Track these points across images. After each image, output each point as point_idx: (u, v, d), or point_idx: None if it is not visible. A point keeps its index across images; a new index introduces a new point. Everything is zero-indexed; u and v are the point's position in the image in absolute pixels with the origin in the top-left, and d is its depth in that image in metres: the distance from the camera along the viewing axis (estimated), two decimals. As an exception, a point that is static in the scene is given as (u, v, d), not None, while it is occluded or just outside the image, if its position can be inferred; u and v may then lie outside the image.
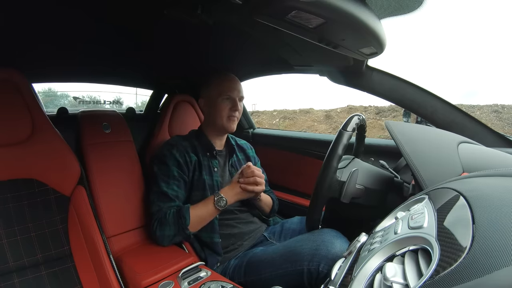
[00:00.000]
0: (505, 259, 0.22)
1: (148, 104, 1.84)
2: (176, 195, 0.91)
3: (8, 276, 0.69)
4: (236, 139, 1.16)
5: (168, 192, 0.90)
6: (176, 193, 0.91)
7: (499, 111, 6.56)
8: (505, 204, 0.29)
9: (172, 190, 0.90)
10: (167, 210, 0.88)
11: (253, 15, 0.54)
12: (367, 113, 7.65)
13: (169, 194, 0.89)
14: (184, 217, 0.85)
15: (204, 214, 0.88)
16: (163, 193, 0.90)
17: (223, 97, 0.99)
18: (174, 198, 0.90)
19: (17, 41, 0.90)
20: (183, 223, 0.85)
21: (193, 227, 0.87)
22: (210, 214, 0.89)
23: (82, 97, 2.68)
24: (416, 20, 0.69)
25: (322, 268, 0.73)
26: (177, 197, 0.91)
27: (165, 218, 0.86)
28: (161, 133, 1.20)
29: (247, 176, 0.90)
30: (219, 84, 1.01)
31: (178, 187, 0.92)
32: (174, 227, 0.86)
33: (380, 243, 0.38)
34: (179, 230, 0.86)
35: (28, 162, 0.77)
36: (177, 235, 0.87)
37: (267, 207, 1.08)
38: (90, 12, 0.78)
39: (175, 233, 0.86)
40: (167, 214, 0.87)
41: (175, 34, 0.98)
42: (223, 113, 0.99)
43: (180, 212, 0.86)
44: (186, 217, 0.85)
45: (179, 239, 0.89)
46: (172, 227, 0.86)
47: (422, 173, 0.59)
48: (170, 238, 0.87)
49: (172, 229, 0.86)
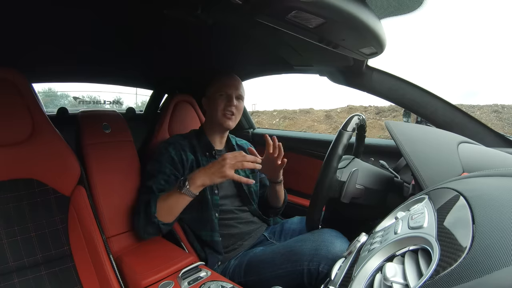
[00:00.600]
0: (505, 259, 0.22)
1: (148, 104, 1.85)
2: (161, 188, 0.88)
3: (8, 276, 0.69)
4: (237, 139, 1.16)
5: (153, 186, 0.88)
6: (162, 187, 0.88)
7: (499, 111, 6.56)
8: (505, 204, 0.29)
9: (158, 184, 0.88)
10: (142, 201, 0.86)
11: (253, 15, 0.54)
12: (367, 113, 7.65)
13: (153, 188, 0.87)
14: (150, 205, 0.82)
15: (170, 201, 0.83)
16: (147, 187, 0.88)
17: (219, 93, 0.99)
18: (156, 191, 0.87)
19: (17, 41, 0.90)
20: (149, 211, 0.82)
21: (162, 216, 0.83)
22: (176, 201, 0.82)
23: (82, 97, 2.68)
24: (416, 20, 0.69)
25: (322, 268, 0.73)
26: (162, 190, 0.88)
27: (138, 209, 0.86)
28: (161, 133, 1.20)
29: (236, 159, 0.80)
30: (217, 81, 1.02)
31: (166, 182, 0.90)
32: (143, 215, 0.84)
33: (380, 243, 0.38)
34: (147, 219, 0.83)
35: (28, 162, 0.77)
36: (147, 225, 0.84)
37: (281, 199, 1.07)
38: (90, 12, 0.78)
39: (144, 222, 0.84)
40: (140, 205, 0.86)
41: (175, 34, 0.98)
42: (219, 108, 0.99)
43: (149, 201, 0.84)
44: (151, 205, 0.82)
45: (151, 229, 0.85)
46: (141, 215, 0.84)
47: (422, 173, 0.59)
48: (143, 229, 0.85)
49: (141, 218, 0.84)
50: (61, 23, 0.83)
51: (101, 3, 0.73)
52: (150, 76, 1.57)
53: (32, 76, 1.03)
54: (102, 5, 0.74)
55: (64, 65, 1.20)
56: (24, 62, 1.02)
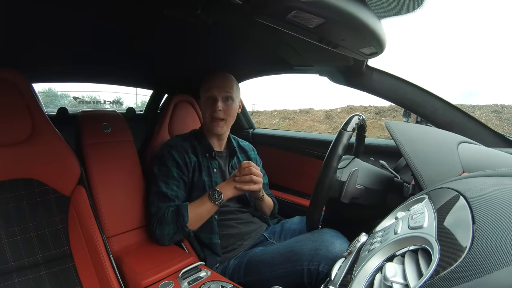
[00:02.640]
0: (505, 259, 0.22)
1: (148, 104, 1.84)
2: (175, 195, 0.91)
3: (8, 276, 0.69)
4: (239, 140, 1.15)
5: (168, 192, 0.90)
6: (175, 193, 0.91)
7: (499, 111, 6.56)
8: (505, 204, 0.29)
9: (171, 190, 0.90)
10: (165, 209, 0.87)
11: (253, 15, 0.54)
12: (367, 113, 7.65)
13: (168, 194, 0.89)
14: (183, 214, 0.85)
15: (202, 211, 0.87)
16: (162, 194, 0.90)
17: (206, 96, 0.96)
18: (173, 198, 0.90)
19: (17, 41, 0.90)
20: (181, 220, 0.85)
21: (192, 225, 0.87)
22: (208, 210, 0.88)
23: (82, 97, 2.68)
24: (416, 20, 0.69)
25: (322, 268, 0.73)
26: (177, 197, 0.91)
27: (164, 217, 0.86)
28: (161, 133, 1.20)
29: (244, 174, 0.89)
30: (204, 82, 0.99)
31: (177, 187, 0.92)
32: (173, 225, 0.86)
33: (380, 243, 0.38)
34: (178, 228, 0.85)
35: (28, 162, 0.77)
36: (177, 233, 0.87)
37: (268, 210, 1.08)
38: (90, 12, 0.78)
39: (175, 231, 0.86)
40: (165, 213, 0.87)
41: (175, 34, 0.98)
42: (206, 113, 0.97)
43: (178, 210, 0.86)
44: (184, 215, 0.85)
45: (179, 237, 0.89)
46: (172, 225, 0.86)
47: (422, 173, 0.59)
48: (170, 237, 0.87)
49: (171, 227, 0.86)
50: (61, 23, 0.83)
51: (101, 4, 0.73)
52: (150, 76, 1.57)
53: (32, 76, 1.03)
54: (103, 5, 0.74)
55: (64, 65, 1.20)
56: (25, 62, 1.02)
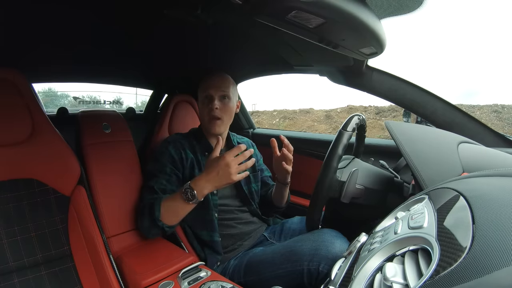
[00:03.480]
0: (505, 259, 0.22)
1: (148, 104, 1.85)
2: (163, 188, 0.88)
3: (8, 276, 0.69)
4: (238, 137, 1.15)
5: (155, 186, 0.88)
6: (164, 187, 0.88)
7: (499, 111, 6.56)
8: (505, 204, 0.29)
9: (160, 184, 0.89)
10: (147, 202, 0.86)
11: (253, 15, 0.54)
12: (367, 113, 7.65)
13: (155, 188, 0.88)
14: (154, 208, 0.82)
15: (174, 207, 0.83)
16: (149, 187, 0.89)
17: (203, 95, 0.97)
18: (158, 191, 0.87)
19: (18, 41, 0.90)
20: (153, 214, 0.82)
21: (166, 219, 0.83)
22: (181, 207, 0.82)
23: (82, 97, 2.69)
24: (416, 20, 0.69)
25: (322, 268, 0.73)
26: (164, 190, 0.88)
27: (142, 210, 0.86)
28: (161, 133, 1.20)
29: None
30: (202, 82, 0.99)
31: (167, 181, 0.90)
32: (148, 217, 0.84)
33: (380, 243, 0.38)
34: (152, 222, 0.83)
35: (28, 162, 0.77)
36: (153, 227, 0.84)
37: (285, 199, 1.06)
38: (90, 12, 0.78)
39: (149, 225, 0.84)
40: (145, 206, 0.86)
41: (175, 34, 0.98)
42: (204, 113, 0.97)
43: (152, 204, 0.84)
44: (155, 209, 0.82)
45: (156, 231, 0.86)
46: (147, 217, 0.84)
47: (422, 173, 0.59)
48: (148, 230, 0.85)
49: (147, 220, 0.84)
50: (61, 23, 0.83)
51: (101, 4, 0.73)
52: (150, 76, 1.57)
53: (32, 76, 1.03)
54: (103, 5, 0.74)
55: (64, 65, 1.20)
56: (25, 62, 1.02)
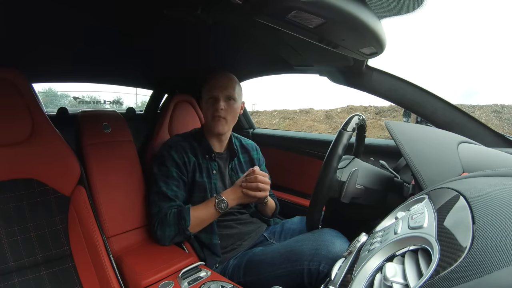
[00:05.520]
0: (505, 259, 0.22)
1: (148, 104, 1.84)
2: (175, 195, 0.91)
3: (8, 276, 0.69)
4: (242, 139, 1.14)
5: (168, 192, 0.90)
6: (175, 193, 0.91)
7: (499, 111, 6.56)
8: (505, 204, 0.29)
9: (171, 190, 0.91)
10: (167, 210, 0.88)
11: (253, 15, 0.54)
12: (367, 113, 7.65)
13: (168, 194, 0.90)
14: (185, 218, 0.85)
15: (204, 216, 0.88)
16: (163, 193, 0.90)
17: (208, 96, 0.97)
18: (174, 198, 0.90)
19: (18, 41, 0.90)
20: (183, 224, 0.85)
21: (193, 228, 0.87)
22: (210, 216, 0.89)
23: (82, 97, 2.68)
24: (416, 19, 0.69)
25: (322, 268, 0.73)
26: (177, 197, 0.91)
27: (166, 219, 0.86)
28: (161, 133, 1.20)
29: (250, 181, 0.89)
30: (206, 83, 0.99)
31: (177, 187, 0.92)
32: (174, 227, 0.86)
33: (380, 243, 0.38)
34: (179, 231, 0.86)
35: (28, 162, 0.77)
36: (178, 236, 0.87)
37: (270, 212, 1.08)
38: (90, 12, 0.78)
39: (175, 233, 0.87)
40: (167, 214, 0.87)
41: (175, 34, 0.98)
42: (208, 112, 0.97)
43: (180, 213, 0.86)
44: (186, 219, 0.85)
45: (179, 239, 0.90)
46: (173, 227, 0.86)
47: (422, 173, 0.59)
48: (170, 238, 0.88)
49: (172, 229, 0.86)
50: (61, 23, 0.83)
51: (101, 3, 0.73)
52: (150, 76, 1.57)
53: (32, 76, 1.02)
54: (103, 5, 0.74)
55: (64, 65, 1.20)
56: (25, 62, 1.02)
